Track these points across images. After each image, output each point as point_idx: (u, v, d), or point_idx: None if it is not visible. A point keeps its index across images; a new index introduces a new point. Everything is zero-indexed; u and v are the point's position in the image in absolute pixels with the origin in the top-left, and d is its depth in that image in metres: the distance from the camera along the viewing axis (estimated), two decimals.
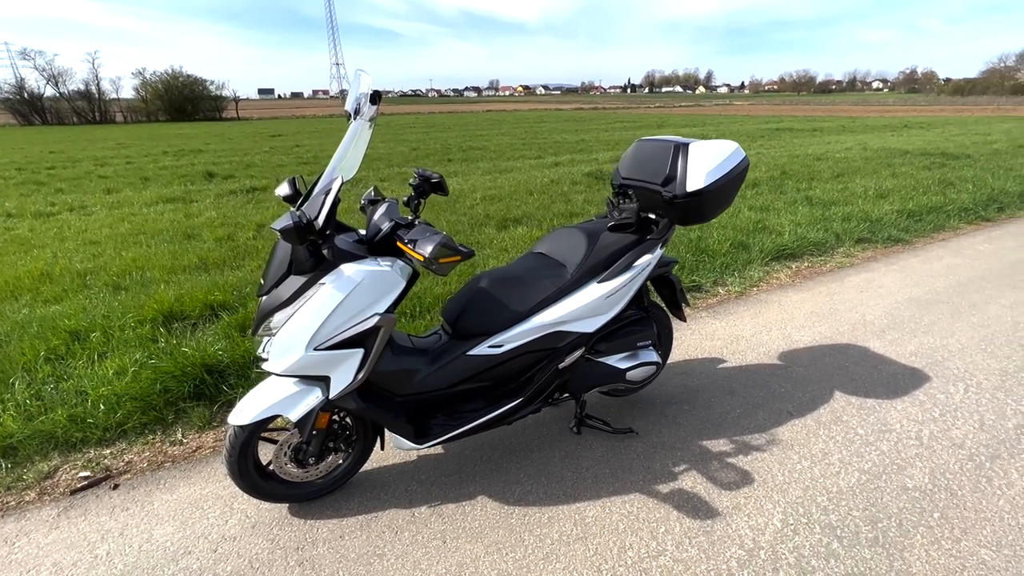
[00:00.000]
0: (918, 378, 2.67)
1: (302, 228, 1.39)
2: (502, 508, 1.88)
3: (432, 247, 1.42)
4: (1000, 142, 12.36)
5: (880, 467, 2.05)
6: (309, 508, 1.89)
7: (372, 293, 1.55)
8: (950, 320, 3.32)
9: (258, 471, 1.79)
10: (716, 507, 1.86)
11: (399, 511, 1.88)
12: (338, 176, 1.52)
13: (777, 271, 4.29)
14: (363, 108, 1.52)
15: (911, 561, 1.63)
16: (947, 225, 5.56)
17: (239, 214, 6.46)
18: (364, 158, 1.67)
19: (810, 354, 2.95)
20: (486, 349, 1.88)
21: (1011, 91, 69.19)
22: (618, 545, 1.71)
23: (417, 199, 1.66)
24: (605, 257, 1.99)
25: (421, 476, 2.05)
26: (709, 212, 2.03)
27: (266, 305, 1.58)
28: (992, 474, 2.00)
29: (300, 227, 1.39)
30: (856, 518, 1.80)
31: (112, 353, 2.81)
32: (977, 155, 10.16)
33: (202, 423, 2.39)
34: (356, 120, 1.55)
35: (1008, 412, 2.38)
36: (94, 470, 2.12)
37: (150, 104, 41.25)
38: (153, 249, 4.97)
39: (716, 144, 2.02)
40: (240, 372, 2.63)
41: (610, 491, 1.95)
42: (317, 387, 1.67)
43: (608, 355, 2.11)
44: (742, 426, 2.32)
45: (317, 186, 1.61)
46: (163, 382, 2.47)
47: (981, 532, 1.74)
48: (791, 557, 1.66)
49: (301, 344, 1.52)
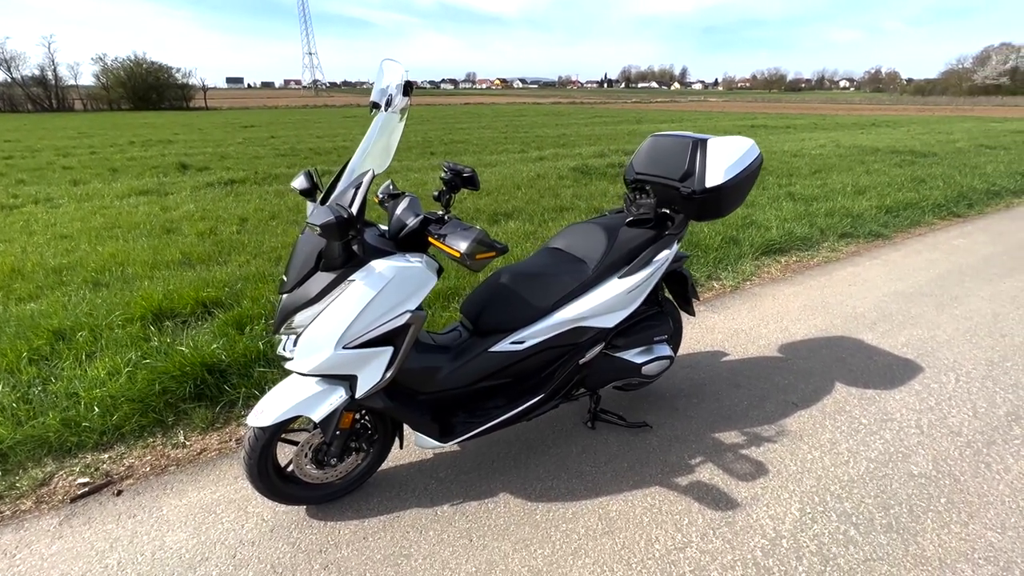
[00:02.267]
0: (912, 368, 2.78)
1: (344, 223, 1.34)
2: (525, 504, 1.87)
3: (468, 243, 1.39)
4: (962, 141, 12.90)
5: (886, 455, 2.12)
6: (328, 510, 1.85)
7: (403, 290, 1.51)
8: (935, 312, 3.45)
9: (277, 473, 1.74)
10: (735, 498, 1.89)
11: (422, 510, 1.85)
12: (369, 169, 1.47)
13: (768, 265, 4.38)
14: (395, 99, 1.47)
15: (924, 545, 1.70)
16: (923, 221, 5.78)
17: (219, 207, 6.24)
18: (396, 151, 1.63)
19: (808, 346, 3.03)
20: (508, 345, 1.86)
21: (968, 92, 72.33)
22: (644, 538, 1.73)
23: (448, 194, 1.62)
24: (626, 252, 1.99)
25: (440, 474, 2.03)
26: (726, 208, 2.06)
27: (290, 302, 1.53)
28: (990, 459, 2.09)
29: (342, 222, 1.34)
30: (869, 505, 1.86)
31: (101, 353, 2.68)
32: (942, 153, 10.59)
33: (205, 424, 2.30)
34: (385, 112, 1.50)
35: (998, 400, 2.49)
36: (93, 476, 2.02)
37: (112, 92, 39.48)
38: (131, 244, 4.77)
39: (733, 140, 2.04)
40: (242, 371, 2.55)
41: (630, 485, 1.96)
42: (341, 386, 1.63)
43: (625, 350, 2.12)
44: (751, 418, 2.37)
45: (343, 179, 1.56)
46: (161, 383, 2.38)
47: (986, 515, 1.82)
48: (812, 545, 1.70)
49: (330, 343, 1.48)
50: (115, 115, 31.55)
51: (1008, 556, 1.65)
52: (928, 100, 59.90)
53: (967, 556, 1.66)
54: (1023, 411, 2.40)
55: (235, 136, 16.33)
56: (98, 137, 15.91)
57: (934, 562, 1.64)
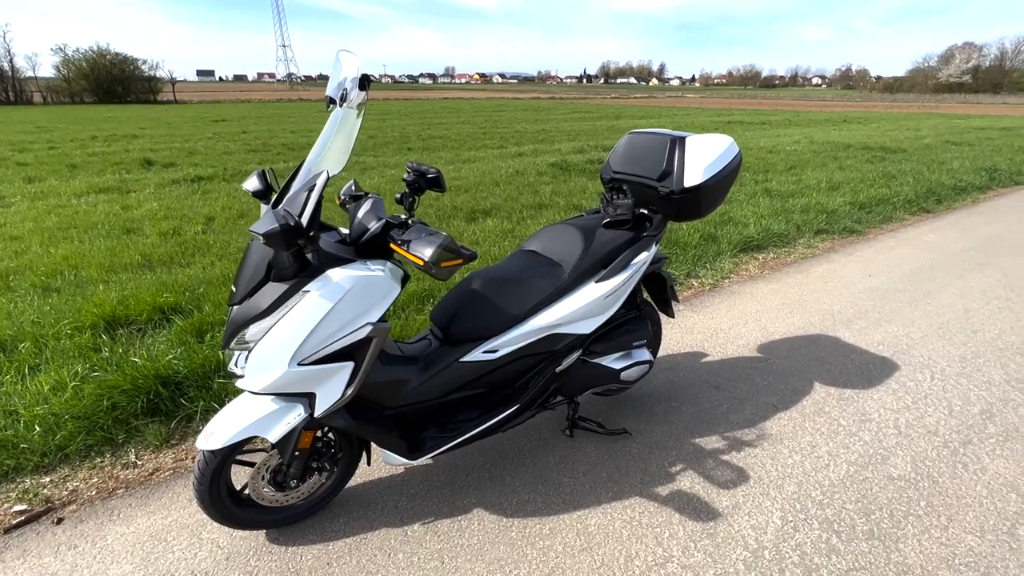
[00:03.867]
0: (888, 367, 2.77)
1: (289, 231, 1.22)
2: (500, 521, 1.79)
3: (432, 250, 1.28)
4: (928, 137, 13.25)
5: (865, 457, 2.09)
6: (289, 533, 1.73)
7: (364, 301, 1.40)
8: (909, 309, 3.48)
9: (232, 497, 1.62)
10: (716, 508, 1.84)
11: (390, 530, 1.75)
12: (323, 170, 1.35)
13: (746, 262, 4.38)
14: (350, 94, 1.35)
15: (906, 552, 1.67)
16: (894, 216, 5.87)
17: (184, 206, 5.99)
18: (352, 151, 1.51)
19: (786, 345, 3.01)
20: (481, 355, 1.77)
21: (934, 90, 74.64)
22: (624, 554, 1.66)
23: (412, 196, 1.51)
24: (603, 255, 1.91)
25: (411, 490, 1.92)
26: (705, 208, 1.99)
27: (240, 315, 1.40)
28: (967, 460, 2.08)
29: (287, 230, 1.21)
30: (850, 511, 1.83)
31: (46, 366, 2.50)
32: (911, 149, 10.83)
33: (159, 442, 2.15)
34: (341, 107, 1.38)
35: (972, 398, 2.50)
36: (32, 503, 1.86)
37: (73, 84, 37.87)
38: (87, 245, 4.52)
39: (712, 138, 1.98)
40: (200, 383, 2.39)
41: (610, 496, 1.89)
42: (299, 403, 1.51)
43: (603, 356, 2.04)
44: (731, 421, 2.32)
45: (296, 181, 1.44)
46: (110, 397, 2.21)
47: (964, 519, 1.80)
48: (794, 555, 1.66)
49: (283, 359, 1.36)
50: (77, 108, 30.31)
51: (988, 561, 1.63)
52: (896, 97, 61.63)
53: (948, 562, 1.63)
54: (996, 409, 2.41)
55: (205, 131, 15.80)
56: (58, 131, 15.21)
57: (916, 570, 1.61)
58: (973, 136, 13.76)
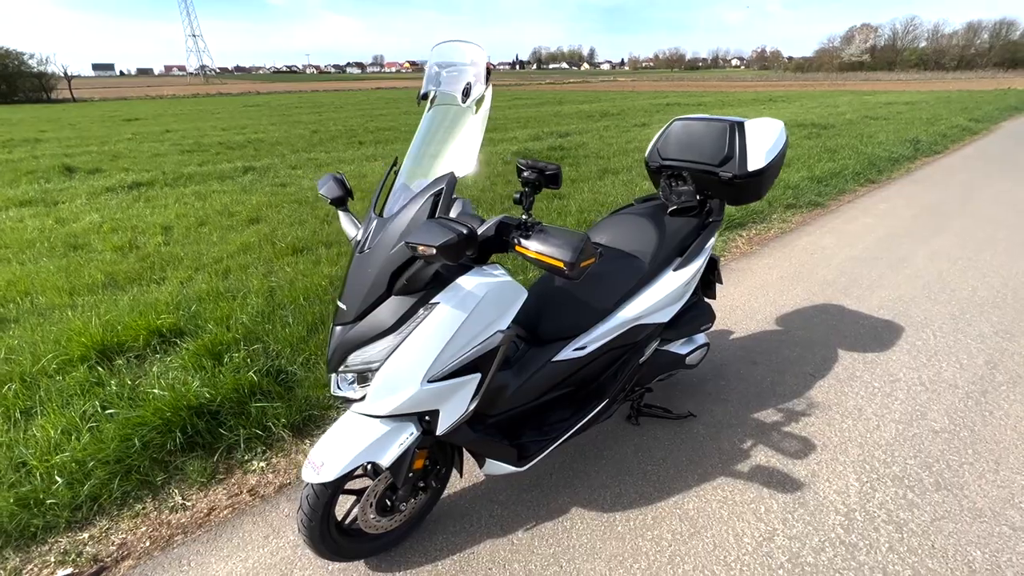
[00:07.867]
0: (895, 329, 3.00)
1: (464, 242, 1.11)
2: (602, 516, 1.77)
3: (573, 251, 1.20)
4: (849, 113, 14.33)
5: (907, 416, 2.25)
6: (390, 560, 1.63)
7: (496, 308, 1.32)
8: (892, 274, 3.77)
9: (337, 529, 1.50)
10: (797, 478, 1.92)
11: (495, 541, 1.69)
12: (450, 172, 1.25)
13: (733, 239, 4.56)
14: (474, 88, 1.25)
15: (973, 498, 1.82)
16: (847, 188, 6.32)
17: (130, 216, 5.43)
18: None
19: (800, 316, 3.18)
20: (571, 352, 1.73)
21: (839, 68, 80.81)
22: (732, 533, 1.70)
23: (531, 195, 1.43)
24: (677, 243, 1.92)
25: (499, 497, 1.87)
26: (764, 189, 2.04)
27: (356, 335, 1.28)
28: (991, 407, 2.29)
29: (462, 240, 1.10)
30: (913, 466, 1.97)
31: (42, 408, 2.20)
32: (838, 124, 11.68)
33: (204, 478, 1.96)
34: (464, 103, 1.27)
35: (973, 350, 2.75)
36: (77, 564, 1.64)
37: None
38: (30, 266, 4.00)
39: (767, 122, 2.03)
40: (235, 410, 2.19)
41: (696, 479, 1.93)
42: (410, 423, 1.42)
43: (673, 342, 2.06)
44: (778, 394, 2.43)
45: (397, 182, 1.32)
46: (141, 436, 1.98)
47: (1008, 461, 1.99)
48: (882, 514, 1.76)
49: (416, 377, 1.26)
50: None
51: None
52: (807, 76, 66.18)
53: (1010, 502, 1.80)
54: (997, 359, 2.67)
55: (120, 131, 14.37)
56: None
57: (987, 513, 1.76)
58: (884, 111, 15.02)
